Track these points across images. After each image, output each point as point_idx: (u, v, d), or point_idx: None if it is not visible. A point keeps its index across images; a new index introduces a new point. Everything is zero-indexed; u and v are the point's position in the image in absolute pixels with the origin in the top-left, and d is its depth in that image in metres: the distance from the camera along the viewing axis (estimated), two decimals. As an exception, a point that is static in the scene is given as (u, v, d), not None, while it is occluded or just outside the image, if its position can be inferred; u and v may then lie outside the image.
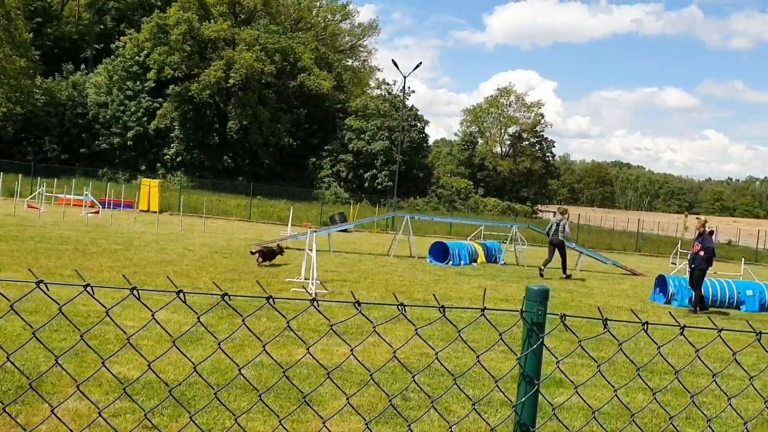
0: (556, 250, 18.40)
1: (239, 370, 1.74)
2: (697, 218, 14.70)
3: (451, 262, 19.33)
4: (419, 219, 30.57)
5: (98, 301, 1.80)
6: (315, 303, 1.65)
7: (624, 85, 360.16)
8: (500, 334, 1.90)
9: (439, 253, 20.11)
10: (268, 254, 15.40)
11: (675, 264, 25.90)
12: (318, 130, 62.26)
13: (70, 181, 34.18)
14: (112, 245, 16.51)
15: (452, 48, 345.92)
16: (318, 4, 76.80)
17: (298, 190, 53.76)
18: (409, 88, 78.50)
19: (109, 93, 55.98)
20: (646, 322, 1.87)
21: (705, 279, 13.62)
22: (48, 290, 1.66)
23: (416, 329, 1.80)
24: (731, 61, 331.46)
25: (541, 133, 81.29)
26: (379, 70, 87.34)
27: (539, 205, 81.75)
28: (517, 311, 1.80)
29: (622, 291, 16.57)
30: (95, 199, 29.86)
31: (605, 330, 1.83)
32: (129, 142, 55.67)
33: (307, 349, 1.94)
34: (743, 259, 20.45)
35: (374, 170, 60.40)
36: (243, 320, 1.62)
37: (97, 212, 27.34)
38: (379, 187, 59.77)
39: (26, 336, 6.48)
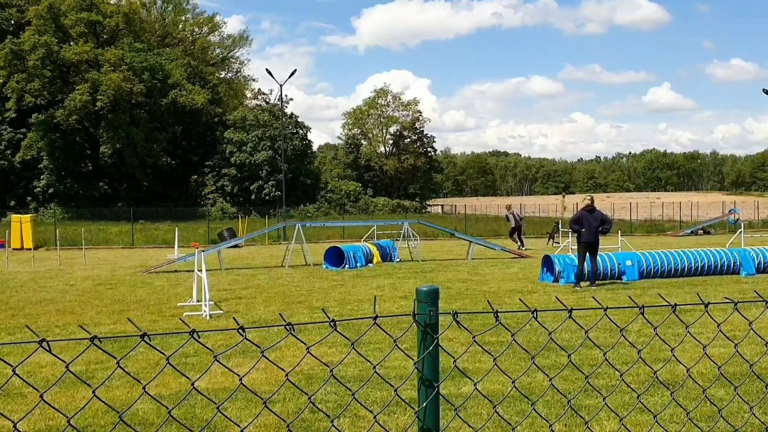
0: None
1: (120, 416, 1.61)
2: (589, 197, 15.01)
3: (347, 266, 19.32)
4: (311, 226, 30.35)
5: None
6: (195, 335, 1.55)
7: (493, 77, 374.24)
8: (395, 341, 1.86)
9: (335, 257, 20.06)
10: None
11: (559, 243, 27.10)
12: (197, 146, 60.62)
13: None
14: (-17, 290, 15.34)
15: (325, 53, 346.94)
16: (183, 18, 74.64)
17: (182, 210, 52.08)
18: (286, 96, 78.09)
19: (-36, 126, 52.31)
20: (535, 309, 1.90)
21: (587, 253, 14.24)
22: None
23: (308, 348, 1.74)
24: (587, 46, 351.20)
25: (421, 130, 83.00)
26: (254, 80, 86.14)
27: (427, 200, 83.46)
28: (410, 315, 1.78)
29: (512, 274, 17.14)
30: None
31: (497, 323, 1.84)
32: (-7, 177, 52.30)
33: (192, 384, 1.83)
34: (619, 231, 21.67)
35: (260, 181, 59.48)
36: (118, 362, 1.49)
37: (-37, 256, 25.35)
38: (267, 197, 58.92)
39: None
